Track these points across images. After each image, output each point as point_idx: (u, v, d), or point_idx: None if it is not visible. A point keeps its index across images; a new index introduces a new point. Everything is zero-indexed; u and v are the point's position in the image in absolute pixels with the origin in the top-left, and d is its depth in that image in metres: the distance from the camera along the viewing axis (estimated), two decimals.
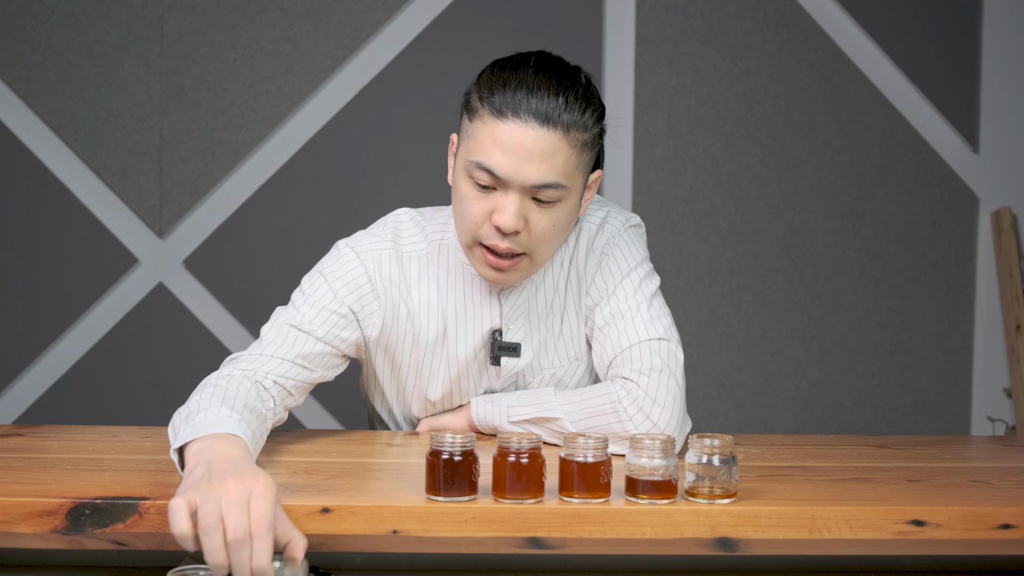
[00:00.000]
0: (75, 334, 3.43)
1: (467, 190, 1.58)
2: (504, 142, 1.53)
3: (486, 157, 1.54)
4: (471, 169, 1.56)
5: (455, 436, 1.32)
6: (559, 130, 1.53)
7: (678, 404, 1.62)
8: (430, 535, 1.30)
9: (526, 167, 1.53)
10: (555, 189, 1.55)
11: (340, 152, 3.45)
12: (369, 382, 1.80)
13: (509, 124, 1.53)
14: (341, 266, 1.68)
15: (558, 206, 1.58)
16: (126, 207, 3.42)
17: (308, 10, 3.43)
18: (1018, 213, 3.61)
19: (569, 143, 1.54)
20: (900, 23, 3.54)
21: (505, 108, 1.53)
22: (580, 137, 1.56)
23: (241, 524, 1.19)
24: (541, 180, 1.54)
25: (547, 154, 1.53)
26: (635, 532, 1.31)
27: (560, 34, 3.43)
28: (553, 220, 1.58)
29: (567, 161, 1.55)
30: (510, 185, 1.54)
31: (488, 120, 1.54)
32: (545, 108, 1.52)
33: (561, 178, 1.55)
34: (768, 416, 3.57)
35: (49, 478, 1.40)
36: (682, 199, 3.53)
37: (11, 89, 3.38)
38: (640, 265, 1.72)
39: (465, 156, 1.58)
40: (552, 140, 1.53)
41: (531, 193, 1.55)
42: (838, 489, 1.42)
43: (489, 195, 1.57)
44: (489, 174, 1.54)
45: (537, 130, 1.52)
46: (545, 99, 1.53)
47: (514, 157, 1.53)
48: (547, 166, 1.53)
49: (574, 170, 1.57)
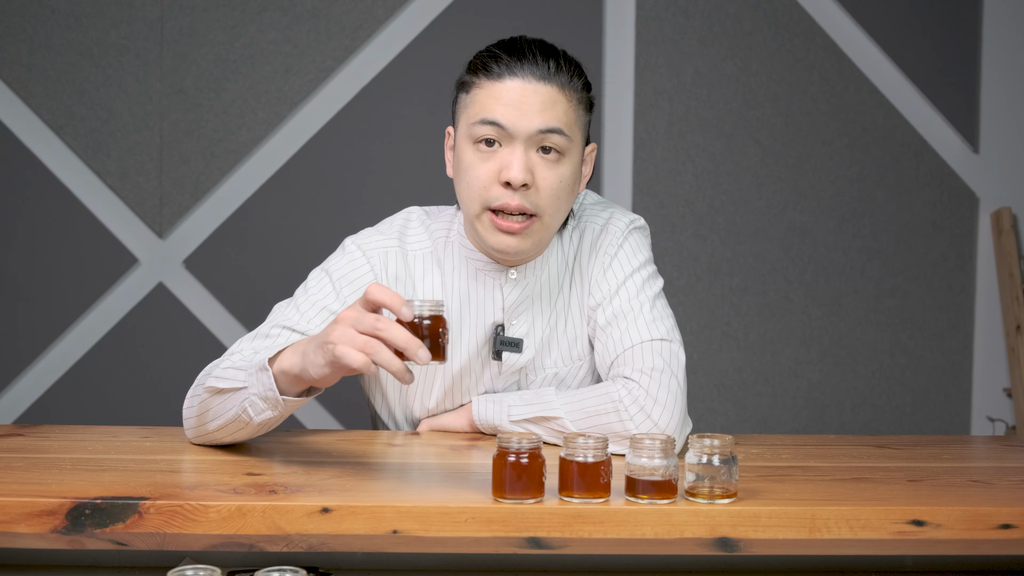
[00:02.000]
0: (75, 334, 3.43)
1: (471, 156, 1.61)
2: (505, 96, 1.59)
3: (489, 112, 1.59)
4: (475, 130, 1.60)
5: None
6: (555, 85, 1.60)
7: (679, 404, 1.62)
8: (430, 535, 1.30)
9: (528, 114, 1.58)
10: (559, 135, 1.59)
11: (340, 152, 3.45)
12: (370, 381, 1.80)
13: (507, 82, 1.59)
14: (346, 264, 1.69)
15: (563, 162, 1.61)
16: (126, 207, 3.42)
17: (308, 10, 3.43)
18: (1018, 213, 3.61)
19: (566, 97, 1.61)
20: (900, 23, 3.54)
21: (502, 71, 1.60)
22: (575, 95, 1.62)
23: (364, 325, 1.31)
24: (545, 125, 1.58)
25: (547, 104, 1.59)
26: (635, 532, 1.31)
27: (560, 34, 3.42)
28: (559, 176, 1.61)
29: (567, 112, 1.60)
30: (515, 136, 1.58)
31: (486, 84, 1.60)
32: (540, 69, 1.60)
33: (563, 126, 1.60)
34: (768, 416, 3.57)
35: (49, 478, 1.40)
36: (682, 199, 3.53)
37: (11, 89, 3.38)
38: (644, 266, 1.72)
39: (467, 123, 1.62)
40: (551, 92, 1.59)
41: (536, 143, 1.59)
42: (838, 489, 1.42)
43: (495, 154, 1.60)
44: (494, 126, 1.59)
45: (536, 84, 1.59)
46: (538, 62, 1.60)
47: (516, 108, 1.58)
48: (549, 113, 1.59)
49: (573, 124, 1.62)
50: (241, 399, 1.48)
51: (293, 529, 1.30)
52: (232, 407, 1.50)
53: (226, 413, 1.51)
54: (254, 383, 1.46)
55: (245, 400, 1.48)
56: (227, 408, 1.51)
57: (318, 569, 1.38)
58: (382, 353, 1.30)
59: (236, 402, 1.49)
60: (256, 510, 1.30)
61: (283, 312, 1.67)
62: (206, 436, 1.59)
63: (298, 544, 1.31)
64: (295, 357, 1.41)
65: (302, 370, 1.40)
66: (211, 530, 1.30)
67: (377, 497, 1.35)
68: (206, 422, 1.56)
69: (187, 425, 1.62)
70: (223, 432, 1.55)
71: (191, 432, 1.61)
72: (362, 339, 1.31)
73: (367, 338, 1.30)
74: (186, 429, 1.63)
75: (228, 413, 1.51)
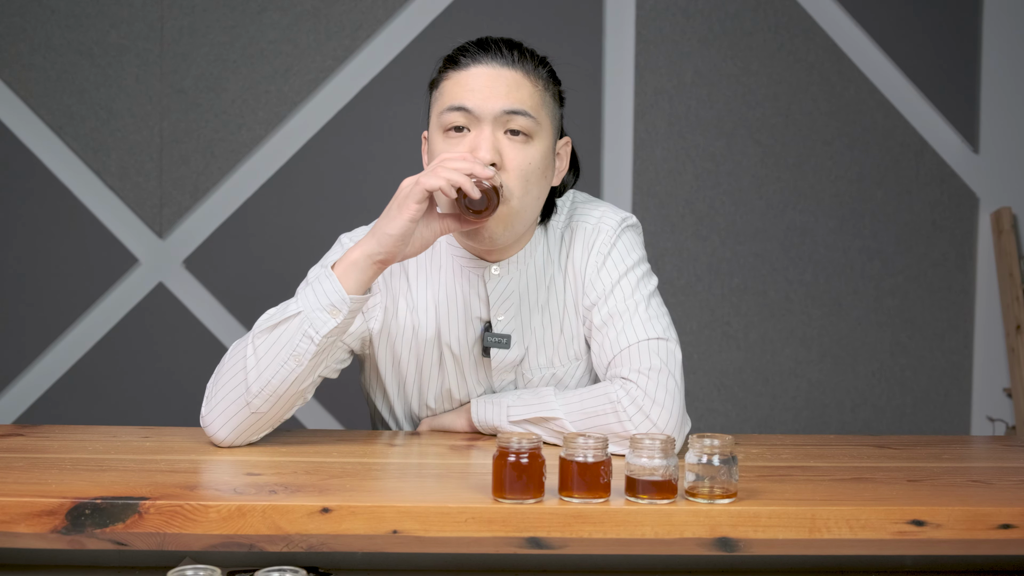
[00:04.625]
0: (75, 334, 3.43)
1: (442, 144, 1.64)
2: (470, 83, 1.62)
3: (457, 99, 1.62)
4: (444, 118, 1.63)
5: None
6: (520, 71, 1.64)
7: (677, 404, 1.62)
8: (430, 535, 1.30)
9: (494, 96, 1.61)
10: (525, 117, 1.62)
11: (340, 152, 3.45)
12: (371, 379, 1.81)
13: (472, 69, 1.63)
14: None
15: (531, 145, 1.63)
16: (126, 207, 3.42)
17: (308, 10, 3.43)
18: (1018, 213, 3.61)
19: (531, 82, 1.64)
20: (900, 23, 3.54)
21: (468, 60, 1.64)
22: (540, 82, 1.65)
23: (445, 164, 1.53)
24: (510, 106, 1.61)
25: (511, 86, 1.62)
26: (635, 532, 1.31)
27: (560, 34, 3.43)
28: (528, 157, 1.62)
29: (532, 96, 1.63)
30: (482, 118, 1.61)
31: (452, 75, 1.64)
32: (504, 57, 1.64)
33: (528, 108, 1.62)
34: (768, 416, 3.57)
35: (49, 478, 1.40)
36: (682, 199, 3.53)
37: (11, 89, 3.38)
38: (638, 265, 1.72)
39: (437, 114, 1.65)
40: (515, 76, 1.63)
41: (503, 124, 1.61)
42: (838, 489, 1.42)
43: (463, 139, 1.62)
44: (461, 111, 1.61)
45: (500, 69, 1.63)
46: (502, 51, 1.64)
47: (481, 91, 1.62)
48: (515, 95, 1.62)
49: (540, 107, 1.64)
50: (298, 325, 1.55)
51: (293, 529, 1.30)
52: (288, 339, 1.55)
53: (280, 352, 1.55)
54: (311, 299, 1.55)
55: (303, 322, 1.55)
56: (282, 344, 1.55)
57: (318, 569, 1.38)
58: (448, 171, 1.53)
59: (292, 331, 1.55)
60: (256, 510, 1.30)
61: None
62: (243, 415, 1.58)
63: (298, 544, 1.31)
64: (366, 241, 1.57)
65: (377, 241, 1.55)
66: (211, 530, 1.30)
67: (377, 497, 1.35)
68: (250, 384, 1.56)
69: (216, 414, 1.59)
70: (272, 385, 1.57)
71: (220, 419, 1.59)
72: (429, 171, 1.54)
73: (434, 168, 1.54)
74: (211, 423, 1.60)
75: (283, 351, 1.55)
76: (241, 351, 1.59)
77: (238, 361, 1.58)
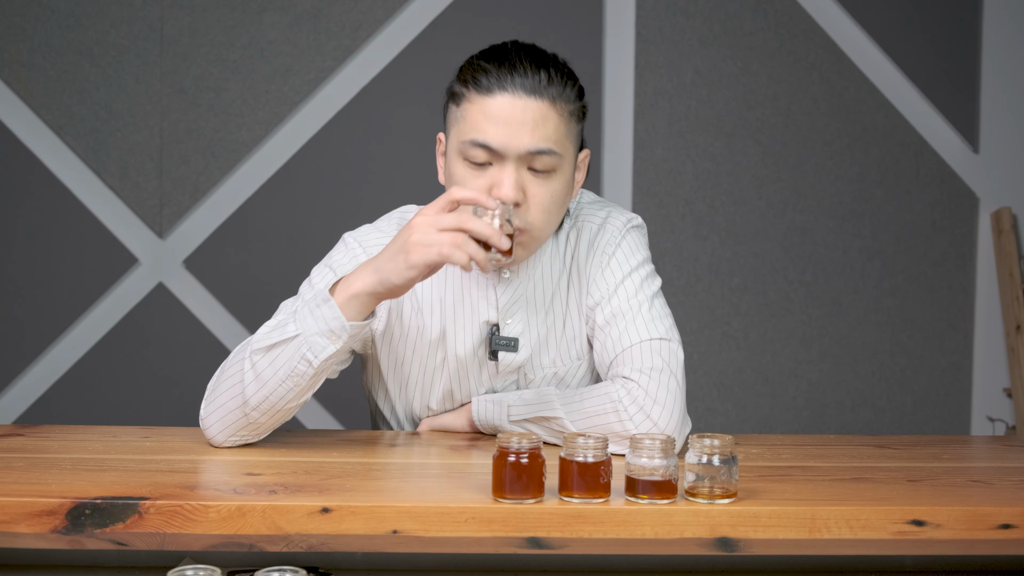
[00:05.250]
0: (75, 334, 3.43)
1: (463, 172, 1.60)
2: (495, 115, 1.56)
3: (479, 133, 1.57)
4: (465, 149, 1.59)
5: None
6: (546, 99, 1.58)
7: (678, 404, 1.62)
8: (430, 535, 1.30)
9: (519, 135, 1.56)
10: (549, 156, 1.58)
11: (340, 152, 3.45)
12: (373, 379, 1.81)
13: (498, 98, 1.57)
14: (350, 260, 1.69)
15: (554, 177, 1.60)
16: (126, 207, 3.42)
17: (308, 10, 3.43)
18: (1018, 213, 3.61)
19: (557, 112, 1.59)
20: (900, 23, 3.54)
21: (492, 85, 1.57)
22: (566, 107, 1.60)
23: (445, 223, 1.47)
24: (535, 146, 1.57)
25: (538, 121, 1.57)
26: (635, 532, 1.31)
27: (560, 34, 3.43)
28: (551, 192, 1.60)
29: (557, 129, 1.58)
30: (506, 156, 1.57)
31: (476, 99, 1.58)
32: (530, 81, 1.57)
33: (554, 145, 1.58)
34: (768, 416, 3.57)
35: (49, 478, 1.40)
36: (682, 199, 3.53)
37: (11, 89, 3.38)
38: (642, 265, 1.72)
39: (457, 139, 1.60)
40: (541, 108, 1.57)
41: (527, 162, 1.58)
42: (838, 489, 1.42)
43: (485, 172, 1.59)
44: (484, 149, 1.57)
45: (526, 100, 1.57)
46: (529, 73, 1.58)
47: (506, 127, 1.56)
48: (539, 133, 1.57)
49: (564, 138, 1.60)
50: (296, 347, 1.51)
51: (293, 529, 1.30)
52: (285, 360, 1.52)
53: (278, 372, 1.52)
54: (310, 323, 1.50)
55: (302, 345, 1.51)
56: (279, 364, 1.52)
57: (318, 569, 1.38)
58: (470, 244, 1.44)
59: (290, 353, 1.51)
60: (256, 510, 1.30)
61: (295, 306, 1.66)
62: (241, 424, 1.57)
63: (298, 544, 1.31)
64: (368, 276, 1.50)
65: (379, 282, 1.49)
66: (211, 530, 1.30)
67: (377, 497, 1.35)
68: (248, 398, 1.54)
69: (215, 419, 1.58)
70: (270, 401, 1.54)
71: (218, 424, 1.58)
72: (448, 235, 1.44)
73: (453, 233, 1.45)
74: (210, 427, 1.59)
75: (280, 370, 1.52)
76: (239, 364, 1.56)
77: (236, 373, 1.57)
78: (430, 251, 1.45)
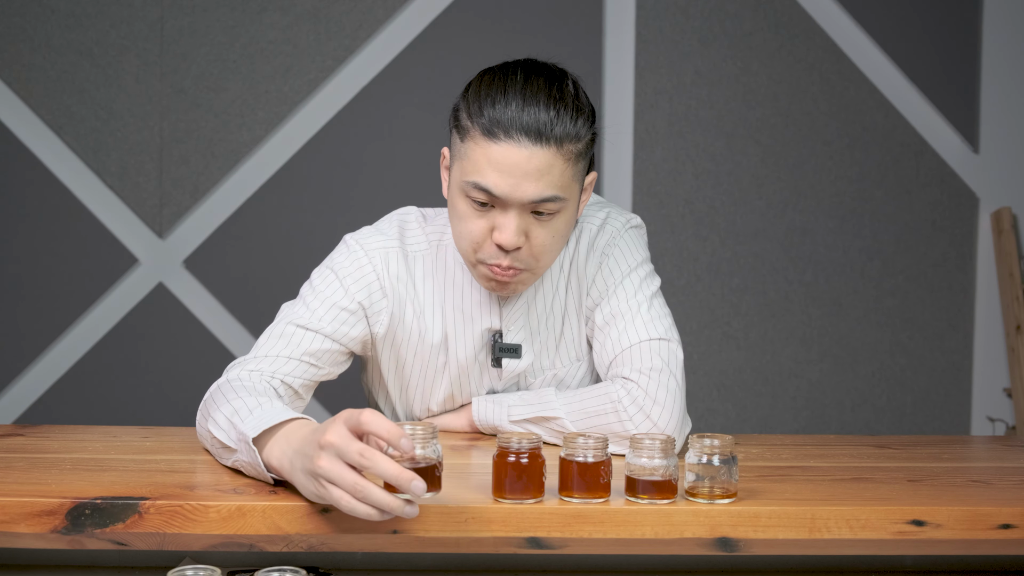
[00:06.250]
0: (75, 334, 3.43)
1: (464, 208, 1.57)
2: (499, 162, 1.52)
3: (481, 177, 1.53)
4: (467, 189, 1.55)
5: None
6: (552, 145, 1.51)
7: (678, 404, 1.62)
8: (430, 535, 1.30)
9: (522, 185, 1.52)
10: (553, 202, 1.54)
11: (340, 152, 3.45)
12: (373, 380, 1.80)
13: (502, 144, 1.51)
14: (352, 262, 1.68)
15: (557, 217, 1.57)
16: (126, 207, 3.42)
17: (308, 10, 3.43)
18: (1018, 213, 3.61)
19: (563, 157, 1.53)
20: (900, 23, 3.54)
21: (496, 128, 1.51)
22: (573, 149, 1.54)
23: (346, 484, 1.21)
24: (539, 196, 1.53)
25: (542, 171, 1.52)
26: (635, 532, 1.31)
27: (560, 34, 3.43)
28: (553, 232, 1.58)
29: (563, 174, 1.54)
30: (508, 203, 1.54)
31: (480, 141, 1.53)
32: (536, 123, 1.51)
33: (558, 191, 1.54)
34: (768, 416, 3.57)
35: (49, 478, 1.40)
36: (682, 199, 3.53)
37: (11, 89, 3.38)
38: (641, 266, 1.72)
39: (460, 176, 1.57)
40: (546, 156, 1.51)
41: (530, 208, 1.55)
42: (838, 489, 1.42)
43: (487, 212, 1.56)
44: (486, 193, 1.54)
45: (531, 148, 1.51)
46: (536, 113, 1.51)
47: (509, 176, 1.51)
48: (544, 182, 1.52)
49: (570, 181, 1.56)
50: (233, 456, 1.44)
51: (293, 529, 1.30)
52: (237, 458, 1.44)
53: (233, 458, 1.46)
54: (244, 449, 1.41)
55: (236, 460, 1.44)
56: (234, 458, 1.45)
57: (318, 569, 1.38)
58: (373, 495, 1.21)
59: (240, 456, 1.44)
60: (256, 510, 1.30)
61: (293, 310, 1.66)
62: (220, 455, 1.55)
63: (298, 544, 1.31)
64: (283, 459, 1.34)
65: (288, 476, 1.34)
66: (211, 530, 1.30)
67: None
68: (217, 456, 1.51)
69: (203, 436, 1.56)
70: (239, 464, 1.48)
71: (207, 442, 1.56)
72: (351, 479, 1.22)
73: (355, 479, 1.22)
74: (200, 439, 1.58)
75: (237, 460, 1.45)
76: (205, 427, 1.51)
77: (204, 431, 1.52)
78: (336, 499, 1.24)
